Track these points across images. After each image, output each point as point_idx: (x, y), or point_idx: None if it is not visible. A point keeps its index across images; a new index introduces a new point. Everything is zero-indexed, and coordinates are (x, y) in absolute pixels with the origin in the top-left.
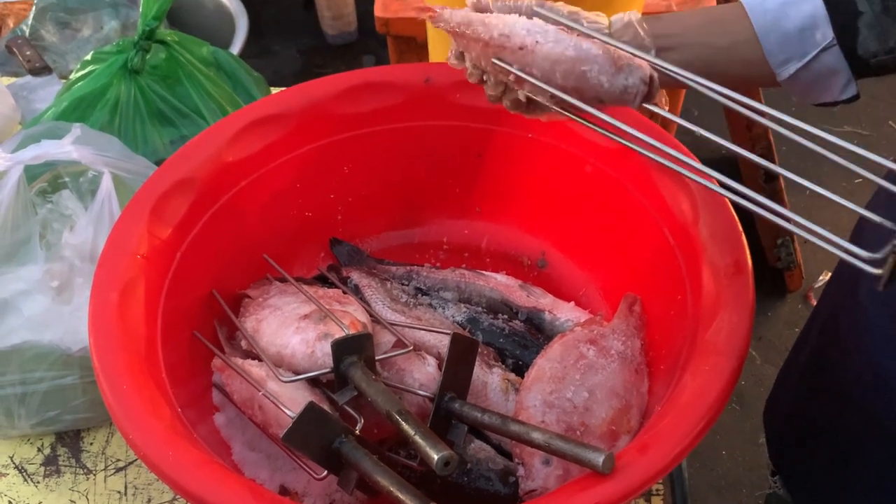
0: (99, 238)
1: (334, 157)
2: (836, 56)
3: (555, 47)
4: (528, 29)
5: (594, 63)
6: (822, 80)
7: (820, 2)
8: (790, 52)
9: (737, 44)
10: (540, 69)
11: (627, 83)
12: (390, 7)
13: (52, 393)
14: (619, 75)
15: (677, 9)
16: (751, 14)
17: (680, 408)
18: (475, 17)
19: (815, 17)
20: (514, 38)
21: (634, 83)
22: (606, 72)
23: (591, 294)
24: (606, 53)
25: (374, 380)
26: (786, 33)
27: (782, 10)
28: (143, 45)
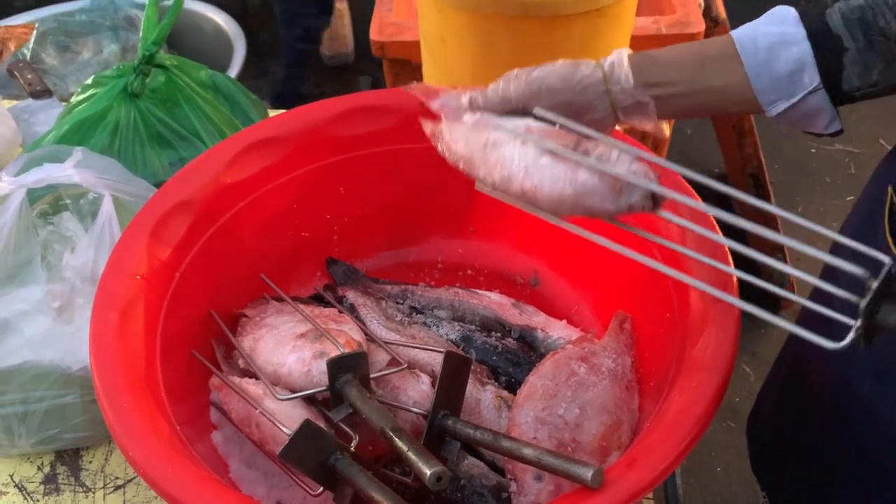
0: (100, 259)
1: (331, 179)
2: (822, 98)
3: (553, 189)
4: (525, 167)
5: (594, 195)
6: (809, 118)
7: (808, 45)
8: (779, 93)
9: (730, 85)
10: (546, 208)
11: (632, 202)
12: (386, 31)
13: (53, 412)
14: (621, 198)
15: (666, 31)
16: (742, 55)
17: (667, 423)
18: (475, 147)
19: (804, 61)
20: (514, 182)
21: (638, 201)
22: (608, 198)
23: (583, 312)
24: (603, 180)
25: (368, 397)
26: (776, 75)
27: (773, 52)
28: (142, 70)
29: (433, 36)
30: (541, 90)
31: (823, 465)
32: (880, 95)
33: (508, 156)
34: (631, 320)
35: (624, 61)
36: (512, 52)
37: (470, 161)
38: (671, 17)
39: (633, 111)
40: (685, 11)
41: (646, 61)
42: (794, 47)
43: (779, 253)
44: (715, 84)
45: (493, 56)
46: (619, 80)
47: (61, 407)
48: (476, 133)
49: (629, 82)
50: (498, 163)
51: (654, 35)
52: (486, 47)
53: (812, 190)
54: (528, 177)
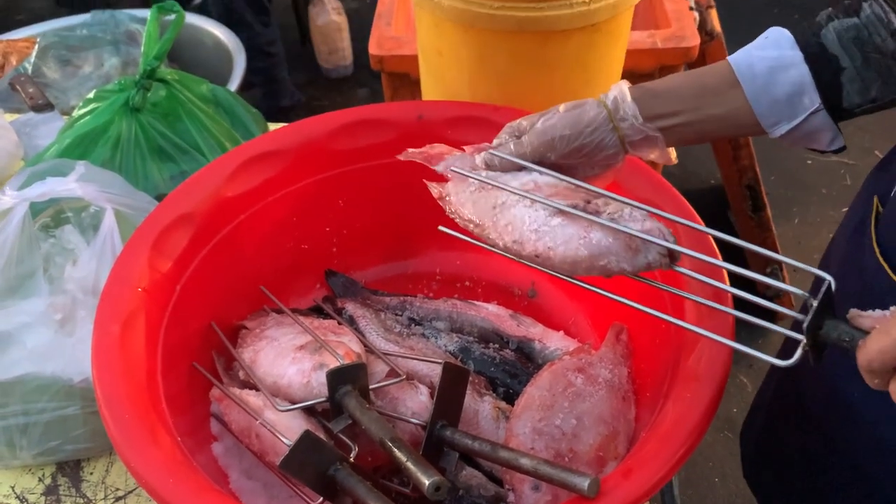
0: (101, 272)
1: (330, 192)
2: (823, 118)
3: (567, 251)
4: (536, 230)
5: (610, 255)
6: (811, 137)
7: (805, 68)
8: (780, 115)
9: (732, 111)
10: (561, 270)
11: (649, 260)
12: (384, 45)
13: (54, 423)
14: (637, 257)
15: (662, 45)
16: (741, 81)
17: (662, 433)
18: (483, 210)
19: (803, 84)
20: (527, 245)
21: (655, 259)
22: (624, 258)
23: (580, 323)
24: (618, 240)
25: (367, 408)
26: (775, 99)
27: (771, 76)
28: (144, 84)
29: (431, 49)
30: (553, 140)
31: (814, 473)
32: (880, 110)
33: (519, 217)
34: (627, 331)
35: (627, 96)
36: (508, 65)
37: (480, 225)
38: (666, 32)
39: (642, 144)
40: (680, 25)
41: (647, 94)
42: (792, 70)
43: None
44: (717, 112)
45: (490, 69)
46: (625, 116)
47: (63, 418)
48: (483, 194)
49: (637, 117)
50: (509, 224)
51: (650, 49)
52: (482, 61)
53: (808, 201)
54: (540, 239)
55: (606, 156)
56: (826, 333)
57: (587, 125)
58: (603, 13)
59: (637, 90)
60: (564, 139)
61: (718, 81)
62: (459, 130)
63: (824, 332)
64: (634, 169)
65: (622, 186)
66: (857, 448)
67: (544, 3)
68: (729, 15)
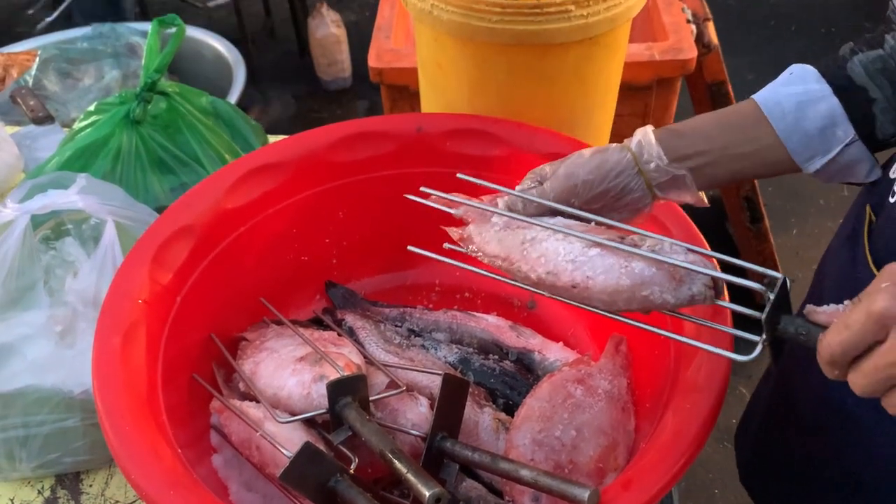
0: (102, 284)
1: (330, 203)
2: (860, 148)
3: (608, 280)
4: (573, 260)
5: (653, 285)
6: (848, 169)
7: (835, 100)
8: (814, 150)
9: (761, 149)
10: (600, 301)
11: (693, 293)
12: (384, 57)
13: (54, 436)
14: (682, 288)
15: (660, 57)
16: (770, 118)
17: (662, 444)
18: (511, 245)
19: (834, 116)
20: (563, 275)
21: (700, 291)
22: (668, 289)
23: (580, 334)
24: (661, 271)
25: (367, 420)
26: (807, 134)
27: (801, 111)
28: (144, 97)
29: (430, 62)
30: (577, 186)
31: (810, 479)
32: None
33: (553, 250)
34: (626, 342)
35: (651, 139)
36: (507, 78)
37: (507, 259)
38: (664, 44)
39: (669, 186)
40: (678, 38)
41: (672, 136)
42: (822, 104)
43: None
44: (746, 150)
45: (489, 82)
46: (650, 158)
47: (62, 431)
48: (510, 232)
49: (662, 159)
50: (542, 256)
51: (648, 61)
52: (482, 74)
53: (806, 212)
54: (578, 269)
55: (633, 199)
56: (783, 328)
57: (611, 169)
58: (601, 26)
59: (661, 132)
60: (588, 184)
61: (745, 120)
62: (458, 143)
63: (782, 327)
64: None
65: None
66: (851, 455)
67: (543, 17)
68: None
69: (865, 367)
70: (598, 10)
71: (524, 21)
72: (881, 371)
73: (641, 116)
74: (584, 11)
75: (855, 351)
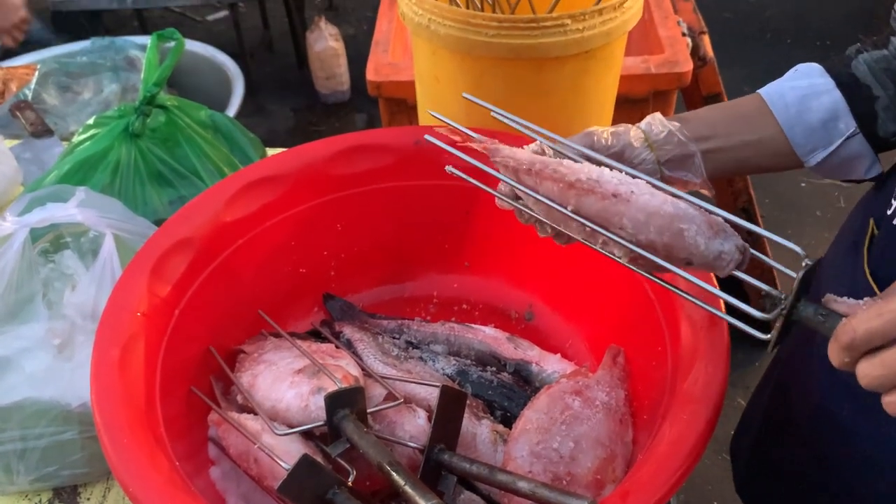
0: (101, 297)
1: (328, 216)
2: (861, 142)
3: (651, 200)
4: (620, 179)
5: (692, 222)
6: (848, 164)
7: (838, 93)
8: (815, 142)
9: (764, 139)
10: (632, 220)
11: (724, 248)
12: (382, 71)
13: (51, 449)
14: (715, 239)
15: (655, 70)
16: (773, 109)
17: (659, 456)
18: (548, 159)
19: (836, 109)
20: (605, 184)
21: (730, 250)
22: (704, 234)
23: (577, 346)
24: (702, 215)
25: (365, 432)
26: (810, 126)
27: (804, 104)
28: (143, 110)
29: (428, 76)
30: (593, 144)
31: (803, 488)
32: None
33: (597, 169)
34: (624, 354)
35: (660, 118)
36: (504, 91)
37: (543, 164)
38: (660, 57)
39: (678, 165)
40: (673, 51)
41: (678, 120)
42: (825, 96)
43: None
44: (749, 138)
45: (486, 95)
46: (659, 132)
47: (60, 444)
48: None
49: (672, 134)
50: (581, 171)
51: (644, 74)
52: (479, 87)
53: (803, 223)
54: (623, 184)
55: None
56: (802, 311)
57: (624, 134)
58: (597, 40)
59: (669, 118)
60: (604, 143)
61: (749, 110)
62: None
63: (801, 310)
64: None
65: None
66: (846, 466)
67: (539, 31)
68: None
69: (886, 356)
70: (593, 25)
71: (521, 35)
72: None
73: None
74: (580, 25)
75: (880, 340)
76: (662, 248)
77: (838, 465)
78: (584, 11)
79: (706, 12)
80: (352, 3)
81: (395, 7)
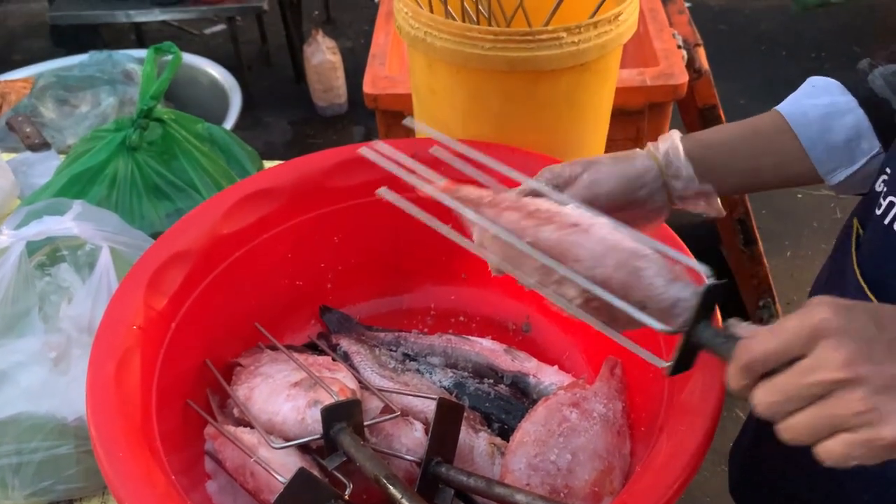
0: (97, 310)
1: (325, 228)
2: (880, 159)
3: (612, 233)
4: (582, 213)
5: (652, 263)
6: (867, 180)
7: (861, 112)
8: (838, 162)
9: (787, 160)
10: (590, 252)
11: (681, 296)
12: (379, 84)
13: (47, 463)
14: (675, 284)
15: (651, 82)
16: (795, 128)
17: (657, 468)
18: (510, 194)
19: (860, 129)
20: (566, 215)
21: (687, 298)
22: (663, 276)
23: (574, 357)
24: (662, 259)
25: (362, 445)
26: (832, 145)
27: (825, 122)
28: (141, 124)
29: (424, 89)
30: (599, 196)
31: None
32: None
33: (557, 205)
34: (621, 365)
35: (680, 151)
36: (500, 104)
37: (499, 199)
38: (655, 69)
39: (691, 199)
40: (668, 63)
41: (699, 146)
42: (848, 116)
43: (768, 297)
44: (771, 161)
45: (483, 108)
46: (678, 173)
47: (56, 458)
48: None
49: (693, 180)
50: (543, 203)
51: (639, 87)
52: (475, 99)
53: (799, 234)
54: (584, 216)
55: (652, 209)
56: (699, 333)
57: (636, 178)
58: (592, 53)
59: (688, 141)
60: (611, 196)
61: (771, 130)
62: (452, 167)
63: (698, 332)
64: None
65: None
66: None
67: (535, 44)
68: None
69: (779, 381)
70: (589, 37)
71: (517, 48)
72: (792, 389)
73: (634, 140)
74: (576, 38)
75: (775, 359)
76: (619, 286)
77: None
78: (579, 24)
79: (701, 25)
80: (349, 17)
81: (391, 21)
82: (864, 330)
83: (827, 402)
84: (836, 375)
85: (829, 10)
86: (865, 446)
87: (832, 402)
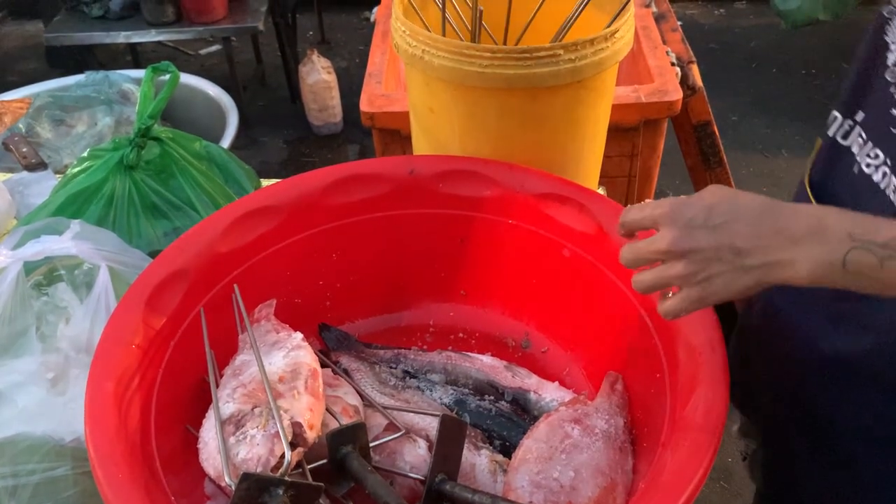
0: (95, 330)
1: (323, 246)
2: None
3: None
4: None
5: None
6: None
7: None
8: None
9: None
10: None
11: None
12: (375, 102)
13: (44, 485)
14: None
15: (646, 99)
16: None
17: (662, 485)
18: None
19: None
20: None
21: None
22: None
23: (575, 373)
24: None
25: (370, 471)
26: None
27: None
28: (138, 143)
29: (422, 107)
30: None
31: None
32: None
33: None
34: (622, 381)
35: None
36: (498, 121)
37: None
38: (650, 87)
39: None
40: (663, 80)
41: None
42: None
43: None
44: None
45: (480, 125)
46: None
47: (53, 480)
48: None
49: None
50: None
51: (635, 103)
52: (473, 117)
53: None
54: None
55: None
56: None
57: None
58: (589, 70)
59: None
60: None
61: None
62: (451, 184)
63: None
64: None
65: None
66: None
67: (532, 61)
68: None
69: (635, 245)
70: (585, 55)
71: (514, 66)
72: (641, 252)
73: (629, 157)
74: (573, 56)
75: (635, 227)
76: None
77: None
78: (576, 42)
79: (692, 43)
80: (344, 37)
81: (388, 39)
82: (693, 220)
83: (662, 266)
84: (666, 248)
85: (819, 27)
86: (687, 300)
87: (664, 267)
